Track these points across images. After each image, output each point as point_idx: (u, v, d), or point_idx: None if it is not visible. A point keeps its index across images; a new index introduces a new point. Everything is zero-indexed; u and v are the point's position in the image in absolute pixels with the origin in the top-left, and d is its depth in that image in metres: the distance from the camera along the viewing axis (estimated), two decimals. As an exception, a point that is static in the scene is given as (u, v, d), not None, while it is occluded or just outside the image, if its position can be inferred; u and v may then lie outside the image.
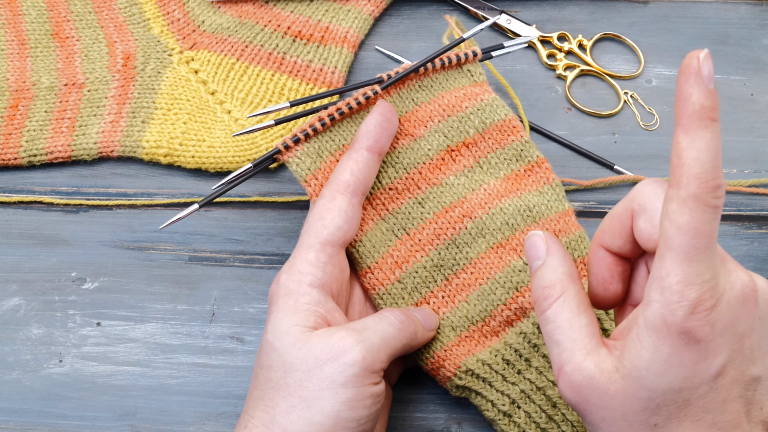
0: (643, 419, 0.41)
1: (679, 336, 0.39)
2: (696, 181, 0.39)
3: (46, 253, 0.62)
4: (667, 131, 0.65)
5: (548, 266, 0.44)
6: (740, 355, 0.41)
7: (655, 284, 0.40)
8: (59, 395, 0.58)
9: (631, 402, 0.40)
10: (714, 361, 0.40)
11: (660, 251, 0.40)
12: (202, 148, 0.64)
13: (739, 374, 0.41)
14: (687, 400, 0.40)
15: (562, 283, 0.44)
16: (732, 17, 0.70)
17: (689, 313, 0.39)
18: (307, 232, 0.52)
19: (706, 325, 0.39)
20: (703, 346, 0.39)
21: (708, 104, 0.39)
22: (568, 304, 0.43)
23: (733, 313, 0.40)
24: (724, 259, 0.42)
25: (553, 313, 0.43)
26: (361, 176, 0.53)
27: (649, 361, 0.40)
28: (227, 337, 0.59)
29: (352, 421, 0.46)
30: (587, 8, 0.71)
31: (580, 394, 0.42)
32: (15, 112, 0.65)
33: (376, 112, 0.55)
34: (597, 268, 0.46)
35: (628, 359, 0.40)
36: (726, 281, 0.41)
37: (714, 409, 0.41)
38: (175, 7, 0.69)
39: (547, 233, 0.46)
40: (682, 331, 0.39)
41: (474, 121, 0.58)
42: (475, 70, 0.60)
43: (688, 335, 0.39)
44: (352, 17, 0.68)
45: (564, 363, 0.42)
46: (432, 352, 0.54)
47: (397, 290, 0.55)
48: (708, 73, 0.40)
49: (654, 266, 0.40)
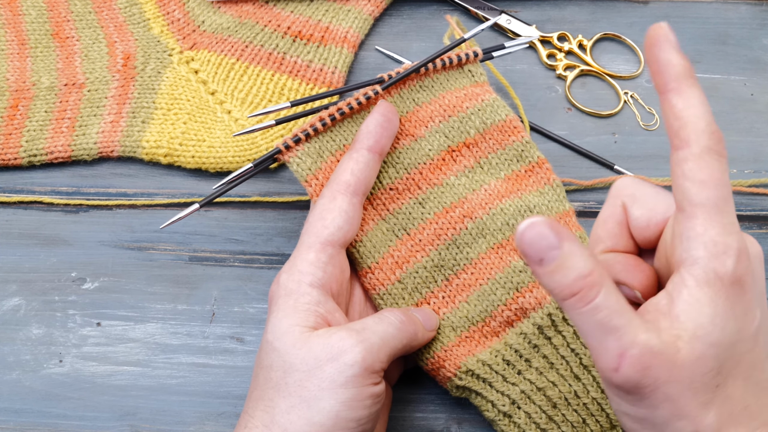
0: (709, 381, 0.39)
1: (732, 286, 0.39)
2: (705, 134, 0.40)
3: (46, 253, 0.62)
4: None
5: (573, 254, 0.38)
6: (765, 311, 0.41)
7: (695, 242, 0.39)
8: (59, 395, 0.58)
9: (699, 365, 0.39)
10: (755, 313, 0.40)
11: (688, 212, 0.39)
12: (202, 148, 0.64)
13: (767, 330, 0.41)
14: (741, 354, 0.40)
15: (598, 266, 0.39)
16: (732, 17, 0.70)
17: (737, 261, 0.38)
18: (307, 232, 0.52)
19: (750, 273, 0.39)
20: (748, 296, 0.39)
21: (688, 65, 0.40)
22: (611, 285, 0.39)
23: (756, 268, 0.41)
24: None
25: (603, 300, 0.38)
26: (361, 176, 0.53)
27: (712, 316, 0.38)
28: (227, 337, 0.59)
29: (352, 421, 0.46)
30: (587, 8, 0.71)
31: (649, 375, 0.39)
32: (15, 112, 0.65)
33: (376, 112, 0.55)
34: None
35: (687, 321, 0.39)
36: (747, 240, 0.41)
37: (758, 366, 0.40)
38: (175, 7, 0.69)
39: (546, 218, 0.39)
40: (734, 281, 0.39)
41: (475, 121, 0.58)
42: (476, 71, 0.60)
43: (739, 283, 0.39)
44: (352, 17, 0.68)
45: (628, 347, 0.38)
46: (432, 353, 0.54)
47: (398, 290, 0.55)
48: (675, 40, 0.40)
49: (685, 228, 0.39)
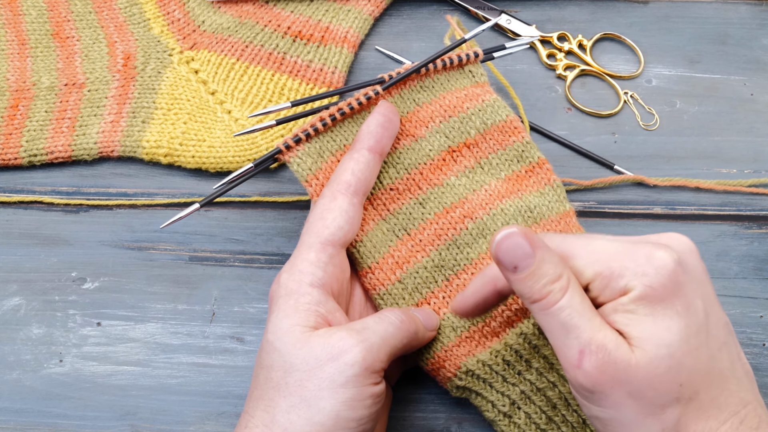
0: (669, 379, 0.41)
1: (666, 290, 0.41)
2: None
3: (46, 253, 0.62)
4: (667, 131, 0.65)
5: (545, 261, 0.43)
6: (710, 300, 0.43)
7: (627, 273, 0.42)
8: (59, 395, 0.58)
9: (655, 365, 0.41)
10: (697, 303, 0.42)
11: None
12: (202, 148, 0.64)
13: (718, 318, 0.43)
14: (696, 348, 0.42)
15: (566, 271, 0.43)
16: (732, 17, 0.70)
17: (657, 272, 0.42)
18: (307, 231, 0.52)
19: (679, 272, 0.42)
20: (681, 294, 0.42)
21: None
22: (576, 288, 0.43)
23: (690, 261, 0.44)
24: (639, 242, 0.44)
25: (568, 301, 0.42)
26: (362, 176, 0.53)
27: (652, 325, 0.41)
28: (227, 336, 0.59)
29: (353, 420, 0.46)
30: (587, 8, 0.71)
31: (607, 373, 0.41)
32: (15, 112, 0.65)
33: (377, 113, 0.55)
34: (482, 297, 0.49)
35: (633, 331, 0.42)
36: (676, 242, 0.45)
37: (715, 357, 0.42)
38: (176, 7, 0.69)
39: (520, 227, 0.44)
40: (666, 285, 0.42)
41: (475, 121, 0.58)
42: (476, 71, 0.60)
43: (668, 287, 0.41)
44: (352, 17, 0.68)
45: (586, 344, 0.42)
46: (432, 353, 0.54)
47: (398, 290, 0.55)
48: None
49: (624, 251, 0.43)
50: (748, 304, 0.60)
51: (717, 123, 0.66)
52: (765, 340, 0.59)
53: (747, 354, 0.58)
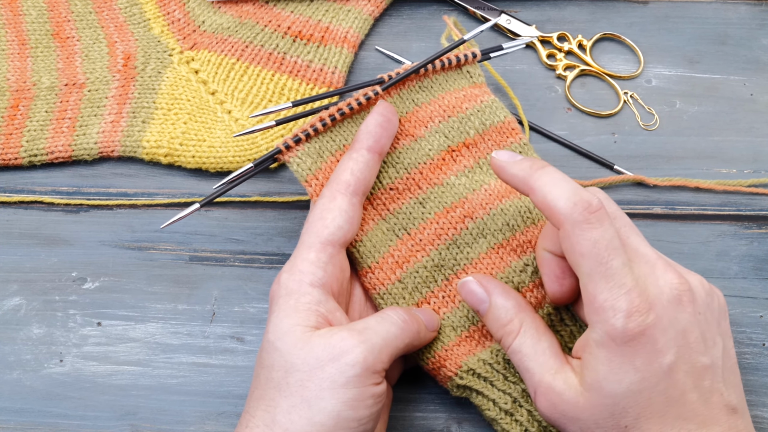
0: (614, 423, 0.45)
1: (626, 344, 0.44)
2: (570, 211, 0.44)
3: (46, 253, 0.62)
4: (667, 131, 0.65)
5: (497, 306, 0.49)
6: (688, 349, 0.45)
7: (588, 308, 0.45)
8: (60, 395, 0.58)
9: (599, 410, 0.45)
10: (664, 359, 0.44)
11: (581, 280, 0.45)
12: (202, 148, 0.64)
13: (690, 367, 0.45)
14: (649, 398, 0.44)
15: (518, 316, 0.49)
16: (732, 17, 0.70)
17: (626, 321, 0.43)
18: (307, 231, 0.52)
19: (645, 327, 0.43)
20: (649, 347, 0.44)
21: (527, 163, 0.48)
22: (528, 333, 0.48)
23: (670, 313, 0.44)
24: (654, 266, 0.46)
25: (518, 345, 0.48)
26: (361, 176, 0.53)
27: (606, 373, 0.44)
28: (227, 336, 0.59)
29: (353, 421, 0.46)
30: (587, 8, 0.71)
31: (557, 410, 0.46)
32: (15, 112, 0.65)
33: (376, 113, 0.55)
34: (547, 268, 0.50)
35: (587, 374, 0.45)
36: (655, 286, 0.45)
37: (675, 402, 0.44)
38: (176, 7, 0.69)
39: (477, 275, 0.51)
40: (626, 340, 0.44)
41: (474, 122, 0.58)
42: (474, 72, 0.60)
43: (633, 341, 0.43)
44: (352, 17, 0.68)
45: (537, 385, 0.47)
46: (433, 352, 0.54)
47: (398, 290, 0.55)
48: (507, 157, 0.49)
49: (583, 293, 0.45)
50: (748, 304, 0.60)
51: (717, 123, 0.66)
52: (765, 340, 0.59)
53: (747, 354, 0.58)
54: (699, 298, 0.46)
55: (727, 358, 0.47)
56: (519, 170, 0.47)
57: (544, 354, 0.47)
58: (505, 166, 0.48)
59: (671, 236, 0.62)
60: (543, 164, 0.47)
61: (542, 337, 0.48)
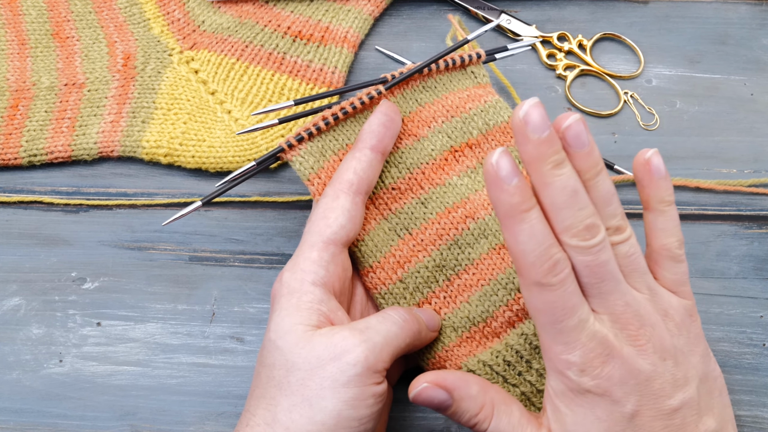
0: None
1: (584, 395, 0.44)
2: (530, 269, 0.43)
3: (46, 253, 0.62)
4: (668, 131, 0.65)
5: (464, 399, 0.47)
6: (651, 397, 0.44)
7: (545, 356, 0.45)
8: (59, 395, 0.58)
9: None
10: (624, 408, 0.44)
11: (537, 330, 0.46)
12: (202, 148, 0.64)
13: (656, 412, 0.45)
14: None
15: (486, 398, 0.48)
16: (732, 17, 0.70)
17: (581, 375, 0.44)
18: (309, 230, 0.52)
19: (602, 380, 0.44)
20: (607, 399, 0.44)
21: (516, 200, 0.43)
22: (501, 408, 0.48)
23: (629, 366, 0.44)
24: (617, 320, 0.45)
25: (495, 427, 0.47)
26: (364, 175, 0.53)
27: (572, 423, 0.45)
28: (227, 337, 0.59)
29: (354, 420, 0.46)
30: (587, 8, 0.71)
31: None
32: (15, 112, 0.65)
33: (379, 112, 0.55)
34: None
35: (555, 427, 0.46)
36: (616, 338, 0.44)
37: None
38: (175, 7, 0.69)
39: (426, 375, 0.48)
40: (582, 391, 0.44)
41: (477, 122, 0.58)
42: (478, 72, 0.60)
43: (590, 393, 0.44)
44: (352, 17, 0.68)
45: None
46: (433, 353, 0.54)
47: (399, 290, 0.55)
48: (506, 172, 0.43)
49: (540, 343, 0.46)
50: (748, 304, 0.60)
51: (717, 123, 0.66)
52: (765, 340, 0.59)
53: (747, 354, 0.58)
54: (664, 344, 0.45)
55: (704, 384, 0.47)
56: (506, 201, 0.44)
57: (520, 423, 0.47)
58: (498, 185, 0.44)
59: (672, 236, 0.62)
60: (529, 206, 0.44)
61: (512, 406, 0.48)
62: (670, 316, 0.46)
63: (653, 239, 0.49)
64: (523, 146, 0.44)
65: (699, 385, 0.46)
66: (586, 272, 0.44)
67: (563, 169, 0.44)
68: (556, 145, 0.44)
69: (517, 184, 0.43)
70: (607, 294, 0.45)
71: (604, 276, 0.45)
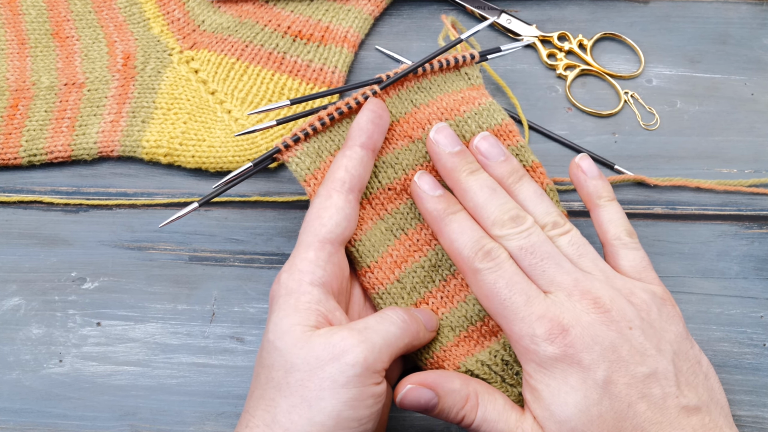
0: None
1: (554, 366, 0.46)
2: (467, 261, 0.49)
3: (46, 253, 0.62)
4: (668, 131, 0.65)
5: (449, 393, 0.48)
6: (621, 363, 0.46)
7: (512, 344, 0.48)
8: (59, 395, 0.58)
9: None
10: (596, 374, 0.45)
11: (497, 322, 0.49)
12: (202, 147, 0.64)
13: (630, 378, 0.46)
14: (600, 415, 0.45)
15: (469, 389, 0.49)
16: (732, 17, 0.70)
17: (545, 345, 0.46)
18: (305, 231, 0.52)
19: (566, 346, 0.46)
20: (577, 366, 0.46)
21: (442, 206, 0.51)
22: (485, 398, 0.49)
23: (591, 332, 0.46)
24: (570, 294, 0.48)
25: (482, 416, 0.48)
26: (355, 173, 0.53)
27: (550, 398, 0.46)
28: (227, 337, 0.59)
29: (354, 420, 0.46)
30: (587, 8, 0.71)
31: None
32: (15, 111, 0.65)
33: (366, 109, 0.55)
34: None
35: (536, 409, 0.47)
36: (571, 312, 0.47)
37: (625, 416, 0.45)
38: (175, 7, 0.69)
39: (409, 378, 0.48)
40: (552, 362, 0.46)
41: (471, 125, 0.58)
42: (472, 74, 0.60)
43: (560, 362, 0.46)
44: (352, 17, 0.68)
45: None
46: (431, 353, 0.54)
47: (396, 290, 0.55)
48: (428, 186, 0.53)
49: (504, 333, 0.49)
50: (748, 304, 0.60)
51: (717, 123, 0.66)
52: (765, 341, 0.59)
53: (748, 354, 0.58)
54: (626, 315, 0.47)
55: (683, 361, 0.48)
56: (433, 209, 0.51)
57: (505, 410, 0.48)
58: (423, 197, 0.52)
59: (672, 236, 0.62)
60: (455, 209, 0.51)
61: (495, 395, 0.49)
62: (634, 295, 0.49)
63: (603, 233, 0.53)
64: (438, 162, 0.53)
65: (675, 359, 0.47)
66: (522, 255, 0.49)
67: (479, 174, 0.52)
68: (468, 158, 0.52)
69: (441, 194, 0.52)
70: (552, 274, 0.48)
71: (542, 255, 0.49)
